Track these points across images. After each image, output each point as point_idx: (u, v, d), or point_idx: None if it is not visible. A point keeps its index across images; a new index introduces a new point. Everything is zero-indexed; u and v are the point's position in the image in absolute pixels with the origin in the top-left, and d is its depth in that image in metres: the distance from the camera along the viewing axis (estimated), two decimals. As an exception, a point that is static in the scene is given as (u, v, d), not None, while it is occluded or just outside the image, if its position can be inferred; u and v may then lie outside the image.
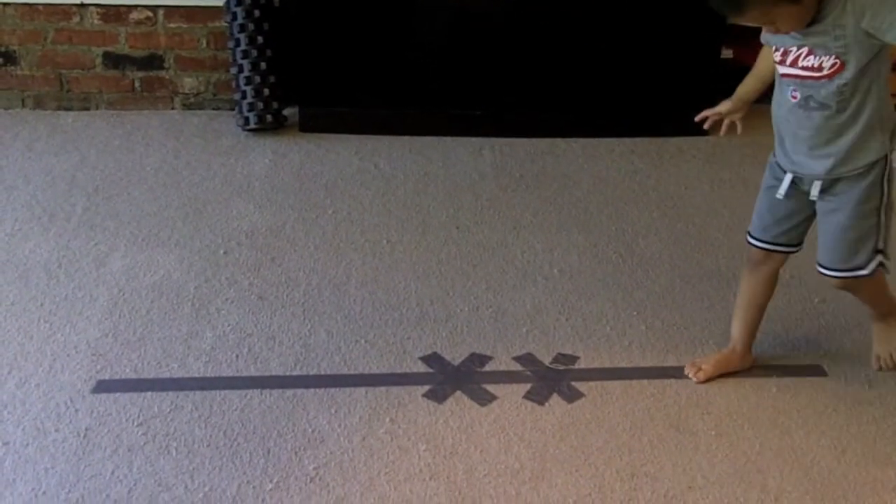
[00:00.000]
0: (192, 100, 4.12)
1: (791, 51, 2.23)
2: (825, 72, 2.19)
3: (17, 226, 3.25)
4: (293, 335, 2.76)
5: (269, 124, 3.91)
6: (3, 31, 3.95)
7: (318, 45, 3.86)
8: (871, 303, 2.63)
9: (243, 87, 3.87)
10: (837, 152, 2.29)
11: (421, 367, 2.66)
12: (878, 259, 2.40)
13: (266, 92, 3.87)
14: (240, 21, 3.82)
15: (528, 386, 2.59)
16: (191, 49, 4.03)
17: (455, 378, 2.61)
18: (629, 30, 3.91)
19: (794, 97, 2.28)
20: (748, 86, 2.51)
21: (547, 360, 2.70)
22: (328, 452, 2.35)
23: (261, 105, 3.88)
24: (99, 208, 3.37)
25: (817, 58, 2.19)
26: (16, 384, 2.53)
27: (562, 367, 2.67)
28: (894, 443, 2.44)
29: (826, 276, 2.47)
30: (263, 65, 3.86)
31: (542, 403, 2.53)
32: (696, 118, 2.60)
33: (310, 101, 3.98)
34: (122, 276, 3.00)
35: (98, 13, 3.94)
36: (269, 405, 2.49)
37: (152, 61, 4.04)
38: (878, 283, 2.52)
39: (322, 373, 2.62)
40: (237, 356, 2.67)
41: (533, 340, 2.78)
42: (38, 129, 3.93)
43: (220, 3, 3.88)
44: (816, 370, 2.70)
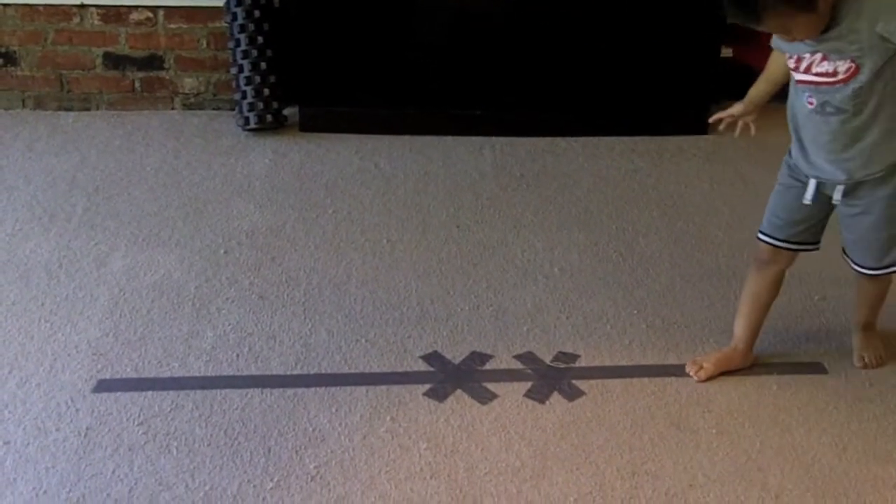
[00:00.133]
0: (192, 100, 4.12)
1: (804, 57, 2.23)
2: (840, 76, 2.19)
3: (18, 226, 3.25)
4: (294, 334, 2.76)
5: (269, 124, 3.91)
6: (4, 32, 3.95)
7: (318, 44, 3.86)
8: (878, 298, 2.64)
9: (243, 87, 3.87)
10: (857, 156, 2.29)
11: (421, 366, 2.66)
12: None
13: (266, 92, 3.87)
14: (240, 21, 3.82)
15: (529, 384, 2.59)
16: (191, 49, 4.03)
17: (456, 376, 2.61)
18: (629, 29, 3.91)
19: (811, 103, 2.28)
20: (759, 89, 2.51)
21: (548, 359, 2.70)
22: (329, 451, 2.35)
23: (261, 105, 3.88)
24: (99, 208, 3.37)
25: (831, 63, 2.19)
26: (17, 384, 2.53)
27: (562, 366, 2.67)
28: (895, 440, 2.44)
29: (860, 273, 2.52)
30: (263, 65, 3.86)
31: (542, 402, 2.53)
32: (710, 120, 2.62)
33: (310, 101, 3.98)
34: (122, 275, 3.00)
35: (98, 14, 3.94)
36: (269, 404, 2.49)
37: (152, 62, 4.04)
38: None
39: (323, 372, 2.62)
40: (238, 355, 2.67)
41: (533, 339, 2.78)
42: (39, 129, 3.93)
43: (221, 3, 3.88)
44: (817, 368, 2.70)
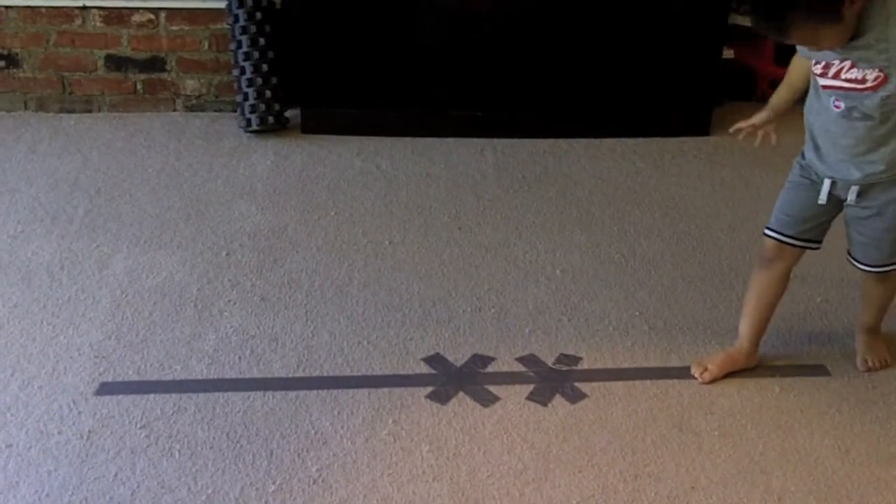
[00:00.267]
0: (194, 102, 4.12)
1: (833, 64, 2.23)
2: (869, 84, 2.19)
3: (20, 228, 3.25)
4: (296, 337, 2.76)
5: (271, 126, 3.91)
6: (6, 34, 3.95)
7: (319, 46, 3.86)
8: (884, 301, 2.64)
9: (245, 89, 3.87)
10: (878, 160, 2.30)
11: (423, 369, 2.66)
12: None
13: (268, 94, 3.87)
14: (242, 23, 3.82)
15: (531, 387, 2.59)
16: (193, 51, 4.03)
17: (458, 379, 2.61)
18: (631, 30, 3.91)
19: (838, 107, 2.28)
20: (781, 96, 2.53)
21: (550, 361, 2.69)
22: (331, 454, 2.35)
23: (263, 107, 3.88)
24: (101, 210, 3.38)
25: (860, 71, 2.19)
26: (19, 386, 2.53)
27: (565, 368, 2.67)
28: (898, 442, 2.45)
29: (866, 271, 2.53)
30: (265, 66, 3.86)
31: (544, 404, 2.53)
32: (731, 130, 2.62)
33: (312, 103, 3.98)
34: (124, 277, 3.00)
35: (100, 16, 3.94)
36: (271, 407, 2.49)
37: (154, 63, 4.04)
38: None
39: (325, 374, 2.62)
40: (240, 358, 2.67)
41: (535, 341, 2.77)
42: (41, 131, 3.94)
43: (222, 5, 3.89)
44: (820, 370, 2.69)
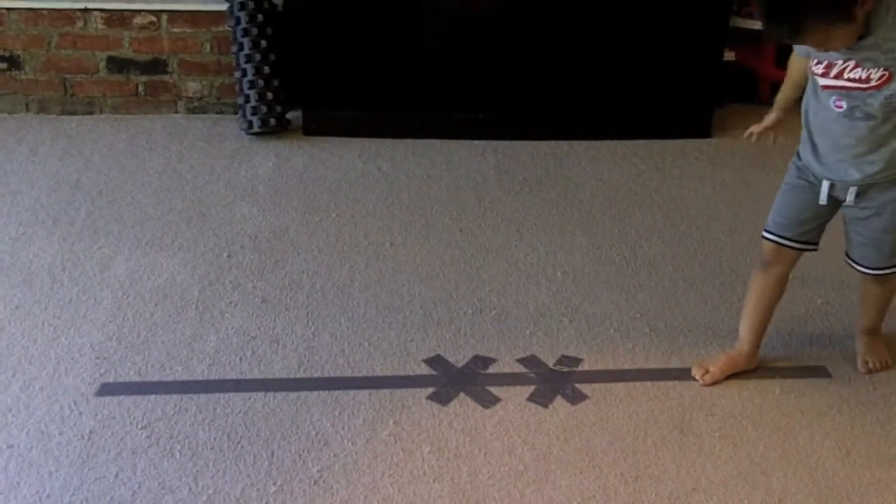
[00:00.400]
0: (195, 104, 4.13)
1: (836, 63, 2.23)
2: (873, 83, 2.19)
3: (22, 229, 3.25)
4: (297, 338, 2.76)
5: (272, 128, 3.92)
6: (8, 36, 3.96)
7: (321, 48, 3.87)
8: (883, 303, 2.64)
9: (247, 91, 3.88)
10: (877, 161, 2.30)
11: (424, 370, 2.66)
12: None
13: (269, 96, 3.88)
14: (243, 25, 3.83)
15: (532, 388, 2.59)
16: (194, 53, 4.04)
17: (458, 380, 2.61)
18: (632, 32, 3.91)
19: (839, 107, 2.28)
20: (786, 94, 2.55)
21: (550, 363, 2.70)
22: (332, 455, 2.35)
23: (264, 109, 3.88)
24: (103, 212, 3.38)
25: (865, 70, 2.19)
26: (20, 387, 2.53)
27: (565, 370, 2.67)
28: (898, 444, 2.44)
29: (865, 273, 2.53)
30: (267, 69, 3.87)
31: (545, 405, 2.53)
32: (745, 135, 2.63)
33: (313, 105, 3.98)
34: (125, 279, 3.00)
35: (102, 18, 3.95)
36: (272, 408, 2.49)
37: (156, 65, 4.05)
38: None
39: (326, 375, 2.62)
40: (241, 359, 2.67)
41: (536, 342, 2.78)
42: (43, 133, 3.94)
43: (224, 7, 3.89)
44: (820, 371, 2.69)
